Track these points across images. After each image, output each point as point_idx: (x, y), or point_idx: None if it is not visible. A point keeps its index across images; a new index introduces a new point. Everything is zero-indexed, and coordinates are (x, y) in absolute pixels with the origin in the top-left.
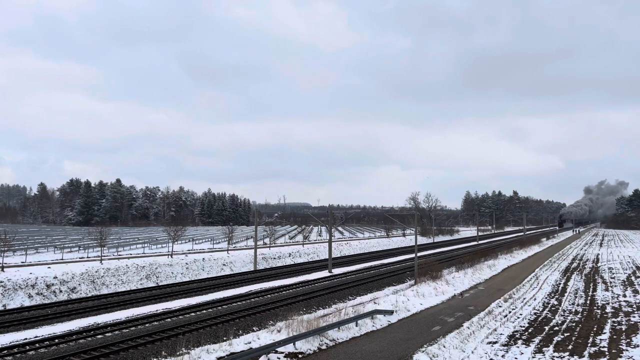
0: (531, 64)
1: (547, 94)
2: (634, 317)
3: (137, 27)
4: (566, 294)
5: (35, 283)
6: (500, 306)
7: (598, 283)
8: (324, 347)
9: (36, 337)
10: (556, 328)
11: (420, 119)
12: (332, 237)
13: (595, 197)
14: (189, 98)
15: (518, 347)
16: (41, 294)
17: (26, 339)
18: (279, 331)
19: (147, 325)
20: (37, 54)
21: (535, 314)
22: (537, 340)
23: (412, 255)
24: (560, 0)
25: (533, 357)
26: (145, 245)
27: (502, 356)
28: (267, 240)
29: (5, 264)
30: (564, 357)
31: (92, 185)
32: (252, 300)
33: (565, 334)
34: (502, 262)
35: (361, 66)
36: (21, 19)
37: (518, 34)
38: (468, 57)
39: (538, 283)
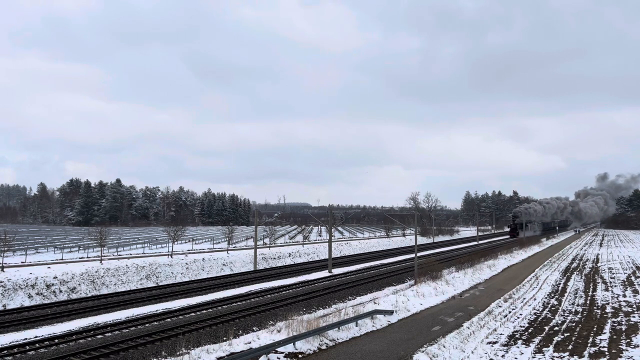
0: (539, 64)
1: (552, 93)
2: (634, 317)
3: (143, 27)
4: (566, 294)
5: (35, 283)
6: (500, 306)
7: (598, 283)
8: (324, 347)
9: (36, 337)
10: (556, 328)
11: (425, 119)
12: (332, 237)
13: (613, 191)
14: (194, 98)
15: (518, 347)
16: (41, 294)
17: (26, 339)
18: (279, 331)
19: (147, 325)
20: (43, 54)
21: (535, 314)
22: (537, 340)
23: (412, 255)
24: (571, 1)
25: (533, 357)
26: (145, 245)
27: (502, 356)
28: (267, 240)
29: (5, 264)
30: (564, 357)
31: (92, 185)
32: (252, 300)
33: (565, 334)
34: (502, 262)
35: (368, 66)
36: (28, 19)
37: (528, 34)
38: (477, 58)
39: (538, 283)
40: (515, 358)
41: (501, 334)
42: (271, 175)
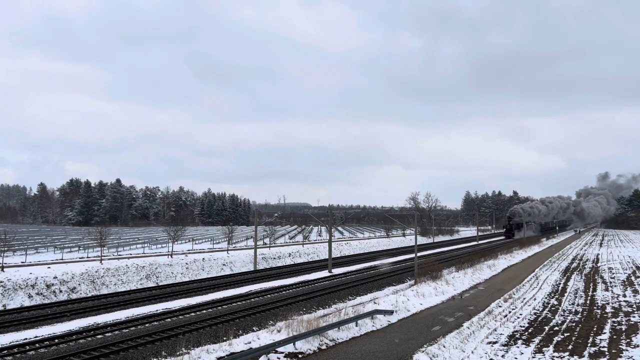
0: (539, 64)
1: (552, 93)
2: (634, 317)
3: (144, 28)
4: (566, 294)
5: (35, 283)
6: (500, 306)
7: (598, 283)
8: (324, 347)
9: (36, 337)
10: (556, 328)
11: (425, 119)
12: (332, 237)
13: (614, 190)
14: (194, 98)
15: (518, 347)
16: (41, 294)
17: (26, 339)
18: (279, 331)
19: (147, 325)
20: (43, 54)
21: (535, 314)
22: (537, 340)
23: (412, 255)
24: (571, 1)
25: (533, 357)
26: (145, 245)
27: (502, 356)
28: (267, 240)
29: (5, 264)
30: (563, 357)
31: (92, 185)
32: (252, 300)
33: (565, 334)
34: (502, 262)
35: (369, 66)
36: (28, 19)
37: (528, 34)
38: (477, 58)
39: (538, 283)
40: (515, 358)
41: (501, 334)
42: (271, 175)
